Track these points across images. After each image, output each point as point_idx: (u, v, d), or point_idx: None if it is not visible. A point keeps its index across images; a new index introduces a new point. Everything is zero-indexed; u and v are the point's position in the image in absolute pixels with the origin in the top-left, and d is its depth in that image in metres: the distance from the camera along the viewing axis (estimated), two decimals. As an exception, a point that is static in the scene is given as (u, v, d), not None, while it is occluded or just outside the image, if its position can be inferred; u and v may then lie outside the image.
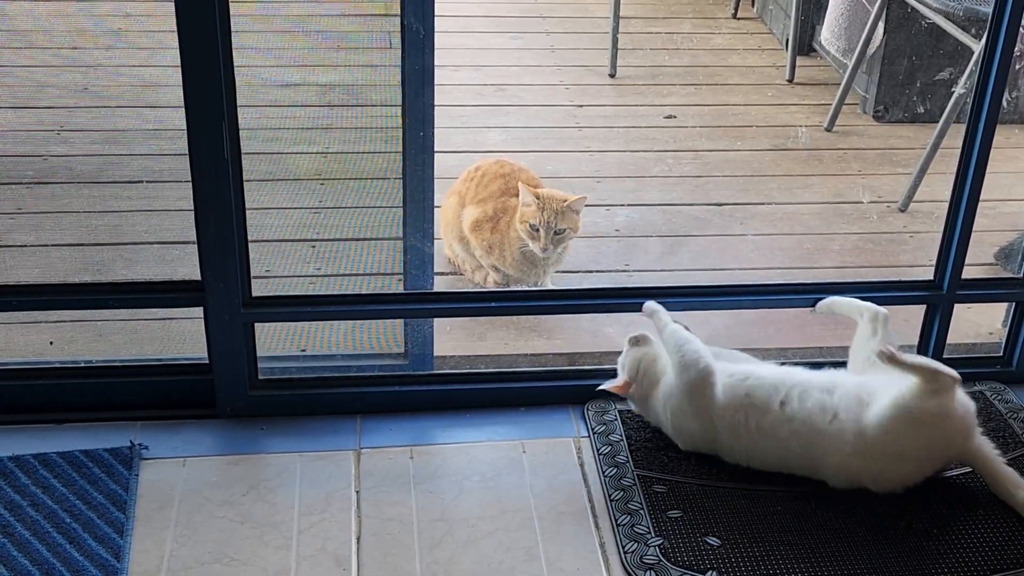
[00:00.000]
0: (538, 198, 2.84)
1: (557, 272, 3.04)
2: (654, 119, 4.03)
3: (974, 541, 2.11)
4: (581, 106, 4.11)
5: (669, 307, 2.48)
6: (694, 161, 3.75)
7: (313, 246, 2.97)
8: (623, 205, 3.44)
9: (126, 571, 1.98)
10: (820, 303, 2.44)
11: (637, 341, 2.32)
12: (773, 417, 2.17)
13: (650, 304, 2.34)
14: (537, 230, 2.84)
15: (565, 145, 3.82)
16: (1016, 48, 2.25)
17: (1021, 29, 2.23)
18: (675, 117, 4.04)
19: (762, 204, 3.51)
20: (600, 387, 2.33)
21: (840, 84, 3.98)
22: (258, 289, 2.33)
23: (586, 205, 2.93)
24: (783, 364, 2.32)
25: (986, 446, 2.20)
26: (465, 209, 3.02)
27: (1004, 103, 2.31)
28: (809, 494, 2.18)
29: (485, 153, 3.49)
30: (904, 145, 3.90)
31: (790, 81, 4.37)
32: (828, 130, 3.97)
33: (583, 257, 3.16)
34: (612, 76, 4.35)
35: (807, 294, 2.53)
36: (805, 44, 4.54)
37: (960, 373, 2.49)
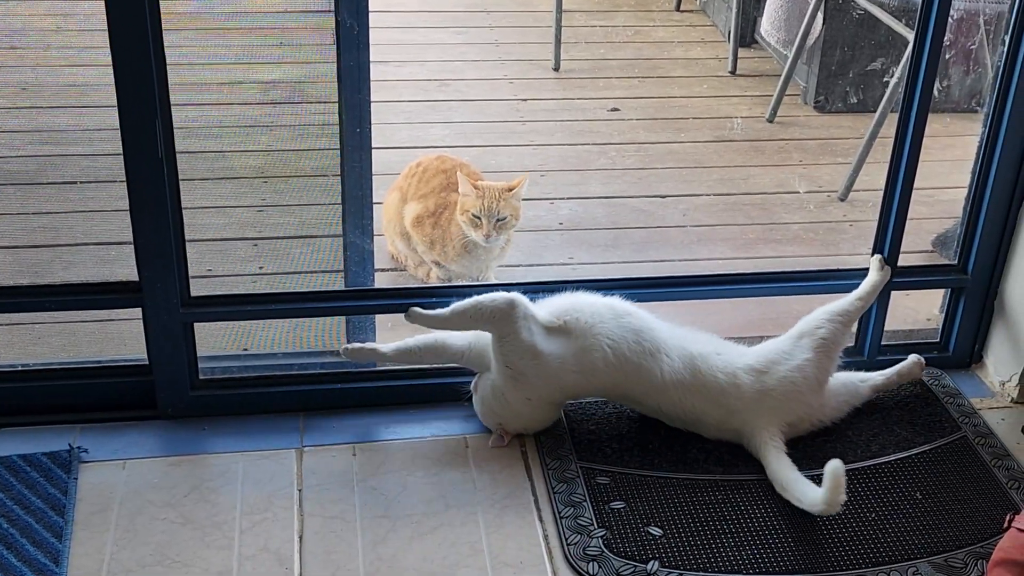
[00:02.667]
0: (476, 187, 2.85)
1: (500, 266, 3.04)
2: (597, 112, 4.04)
3: (916, 526, 2.14)
4: (525, 100, 4.12)
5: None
6: (637, 153, 3.77)
7: (255, 244, 2.95)
8: (566, 198, 3.46)
9: (65, 575, 1.96)
10: None
11: (476, 388, 2.33)
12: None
13: (412, 311, 2.25)
14: (479, 218, 2.84)
15: (509, 139, 3.83)
16: (946, 37, 2.27)
17: (950, 18, 2.26)
18: (619, 110, 4.06)
19: (704, 195, 3.54)
20: (491, 447, 2.32)
21: (781, 75, 4.02)
22: (201, 289, 2.32)
23: (530, 199, 2.93)
24: None
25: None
26: (407, 205, 3.02)
27: (935, 92, 2.33)
28: (750, 483, 2.20)
29: (428, 149, 3.49)
30: (844, 135, 3.95)
31: (732, 73, 4.40)
32: (770, 121, 4.01)
33: (526, 250, 3.17)
34: (556, 70, 4.36)
35: (749, 284, 2.56)
36: (747, 36, 4.58)
37: (898, 359, 2.56)
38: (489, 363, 2.26)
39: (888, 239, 2.45)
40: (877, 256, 2.44)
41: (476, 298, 2.22)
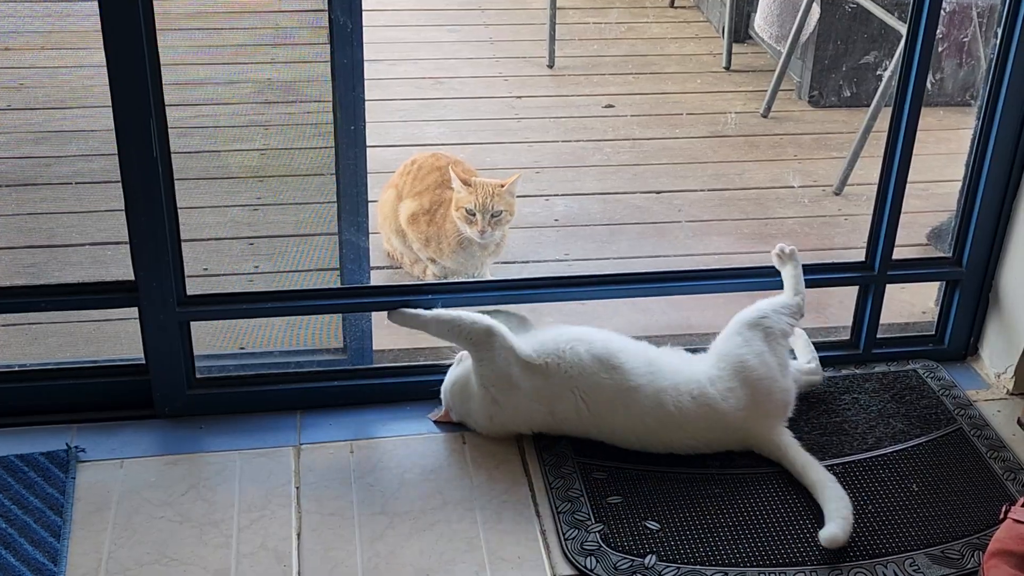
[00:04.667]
0: (469, 183, 2.85)
1: (496, 263, 3.05)
2: (592, 109, 4.05)
3: (912, 518, 2.14)
4: (520, 97, 4.13)
5: (609, 295, 2.51)
6: (632, 150, 3.77)
7: (251, 243, 2.95)
8: (562, 195, 3.46)
9: (63, 574, 1.96)
10: None
11: (460, 360, 2.34)
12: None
13: (397, 313, 2.29)
14: (473, 214, 2.85)
15: (504, 137, 3.83)
16: (939, 30, 2.28)
17: (943, 11, 2.26)
18: (613, 106, 4.06)
19: (699, 191, 3.54)
20: (429, 416, 2.35)
21: (775, 70, 4.02)
22: (197, 288, 2.32)
23: (525, 196, 2.93)
24: None
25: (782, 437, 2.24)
26: (402, 202, 3.02)
27: (929, 85, 2.34)
28: (749, 476, 2.21)
29: (423, 147, 3.49)
30: (839, 129, 3.95)
31: (727, 68, 4.40)
32: (764, 116, 4.01)
33: (522, 247, 3.17)
34: (550, 67, 4.37)
35: (744, 278, 2.56)
36: (741, 31, 4.58)
37: (894, 352, 2.57)
38: None
39: (883, 233, 2.45)
40: (776, 248, 2.42)
41: (460, 313, 2.25)
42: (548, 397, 2.23)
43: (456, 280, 2.94)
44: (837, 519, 2.06)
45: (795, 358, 2.44)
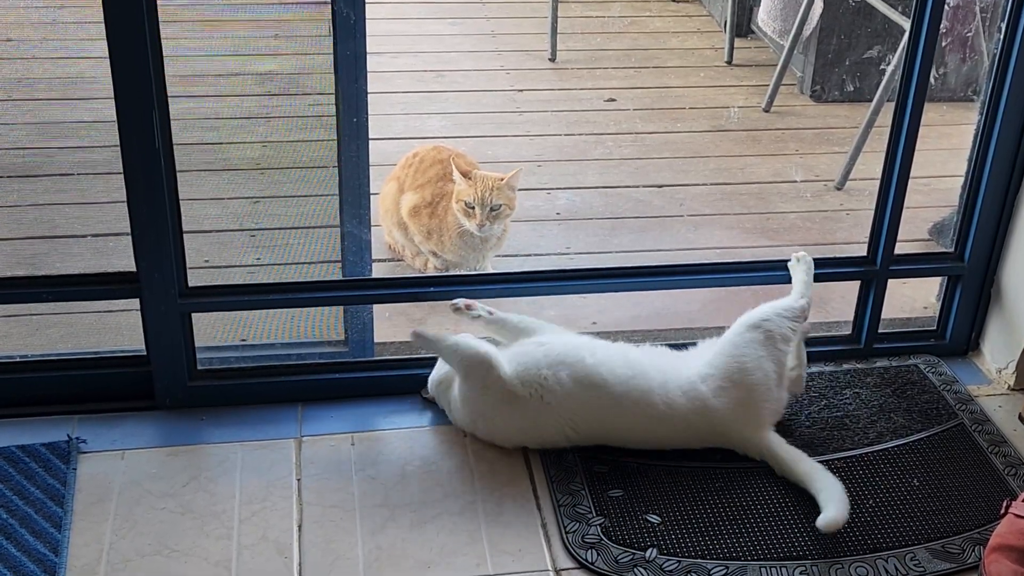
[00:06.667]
0: (469, 176, 2.85)
1: (497, 256, 3.05)
2: (594, 102, 4.05)
3: (913, 512, 2.15)
4: (521, 91, 4.13)
5: (610, 289, 2.51)
6: (634, 143, 3.77)
7: (253, 235, 2.95)
8: (563, 188, 3.46)
9: (64, 565, 1.96)
10: None
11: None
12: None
13: (419, 335, 2.27)
14: (472, 207, 2.85)
15: (505, 130, 3.83)
16: (942, 25, 2.27)
17: (946, 6, 2.26)
18: (615, 100, 4.06)
19: (701, 185, 3.54)
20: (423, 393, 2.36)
21: (777, 65, 4.02)
22: (199, 280, 2.32)
23: (527, 189, 2.93)
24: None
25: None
26: (403, 195, 3.02)
27: (932, 80, 2.34)
28: (749, 470, 2.21)
29: (425, 139, 3.49)
30: (841, 124, 3.95)
31: (729, 63, 4.40)
32: (766, 110, 4.01)
33: (524, 241, 3.17)
34: (552, 60, 4.36)
35: (745, 272, 2.56)
36: (744, 26, 4.58)
37: (895, 347, 2.58)
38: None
39: (885, 227, 2.45)
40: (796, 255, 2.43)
41: (458, 340, 2.23)
42: (533, 423, 2.22)
43: (457, 273, 2.94)
44: (833, 502, 2.06)
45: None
